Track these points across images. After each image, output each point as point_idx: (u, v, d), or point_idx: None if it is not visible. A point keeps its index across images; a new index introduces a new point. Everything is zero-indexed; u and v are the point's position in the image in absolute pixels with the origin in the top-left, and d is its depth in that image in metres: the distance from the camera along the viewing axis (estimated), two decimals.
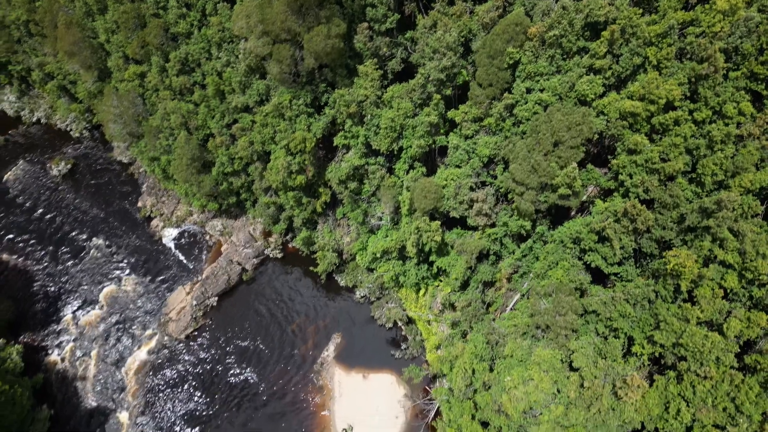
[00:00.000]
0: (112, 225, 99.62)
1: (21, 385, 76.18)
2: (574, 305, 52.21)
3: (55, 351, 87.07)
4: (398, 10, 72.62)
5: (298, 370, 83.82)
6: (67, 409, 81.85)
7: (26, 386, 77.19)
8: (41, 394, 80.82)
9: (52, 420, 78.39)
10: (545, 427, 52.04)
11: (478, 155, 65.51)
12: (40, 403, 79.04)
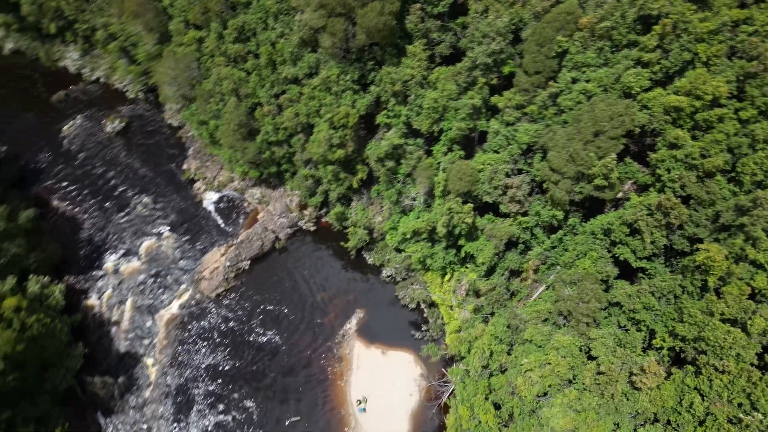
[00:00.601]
0: (158, 184, 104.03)
1: (61, 321, 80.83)
2: (598, 293, 52.66)
3: (94, 295, 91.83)
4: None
5: (320, 339, 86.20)
6: (100, 349, 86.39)
7: (65, 323, 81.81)
8: (78, 333, 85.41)
9: (86, 357, 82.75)
10: (557, 410, 52.71)
11: (517, 142, 66.26)
12: (77, 340, 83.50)
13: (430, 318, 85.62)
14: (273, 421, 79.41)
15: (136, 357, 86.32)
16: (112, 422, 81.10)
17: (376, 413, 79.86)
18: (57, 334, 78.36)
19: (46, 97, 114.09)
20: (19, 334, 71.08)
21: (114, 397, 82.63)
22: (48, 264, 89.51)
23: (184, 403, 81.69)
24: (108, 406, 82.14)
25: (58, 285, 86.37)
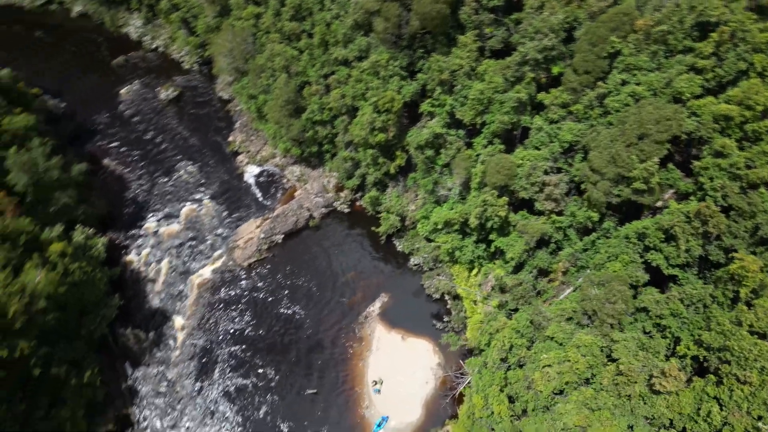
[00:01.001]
0: (204, 154, 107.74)
1: (101, 272, 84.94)
2: (625, 295, 52.46)
3: (133, 252, 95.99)
4: None
5: (343, 318, 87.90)
6: (135, 303, 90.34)
7: (105, 274, 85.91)
8: (115, 285, 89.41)
9: (121, 309, 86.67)
10: (572, 406, 52.83)
11: (559, 140, 66.26)
12: (114, 292, 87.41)
13: (453, 310, 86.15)
14: (291, 390, 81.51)
15: (167, 315, 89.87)
16: (140, 374, 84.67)
17: (391, 396, 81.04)
18: (96, 284, 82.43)
19: (107, 61, 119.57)
20: (62, 277, 75.13)
21: (143, 350, 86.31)
22: (94, 218, 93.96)
23: (207, 364, 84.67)
24: (137, 358, 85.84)
25: (101, 238, 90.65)
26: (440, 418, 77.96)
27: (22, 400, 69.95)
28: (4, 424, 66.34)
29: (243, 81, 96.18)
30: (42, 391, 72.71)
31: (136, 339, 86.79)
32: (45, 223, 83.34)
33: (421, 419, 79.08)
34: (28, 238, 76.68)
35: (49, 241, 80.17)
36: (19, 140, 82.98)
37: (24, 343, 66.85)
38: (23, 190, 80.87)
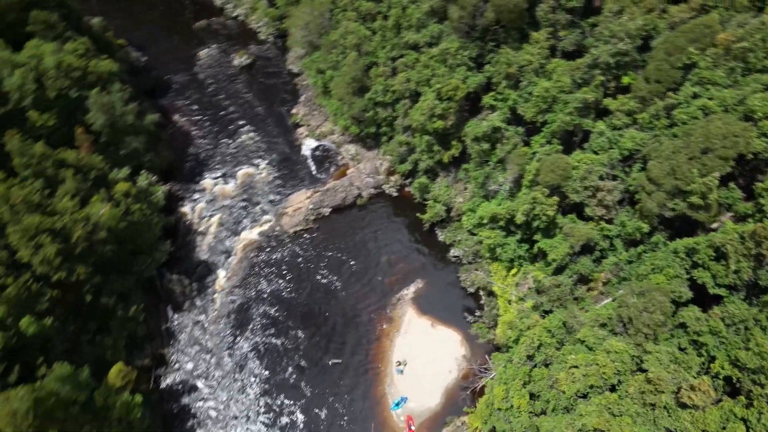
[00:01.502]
0: (267, 122, 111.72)
1: (158, 217, 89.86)
2: (664, 307, 51.66)
3: (188, 205, 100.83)
4: None
5: (377, 297, 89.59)
6: (183, 252, 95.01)
7: (161, 220, 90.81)
8: (168, 233, 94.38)
9: (170, 255, 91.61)
10: (593, 408, 52.55)
11: (619, 147, 65.50)
12: (166, 238, 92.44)
13: (486, 306, 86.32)
14: (317, 356, 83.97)
15: (211, 268, 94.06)
16: (179, 319, 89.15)
17: (412, 378, 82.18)
18: (152, 227, 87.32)
19: (190, 23, 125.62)
20: (123, 215, 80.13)
21: (186, 297, 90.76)
22: (158, 167, 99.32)
23: (243, 320, 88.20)
24: (179, 304, 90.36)
25: (162, 186, 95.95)
26: (458, 408, 78.42)
27: (72, 322, 75.22)
28: (53, 341, 71.53)
29: (314, 55, 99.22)
30: (90, 317, 77.92)
31: (180, 286, 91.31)
32: (114, 163, 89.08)
33: (440, 406, 79.86)
34: (97, 174, 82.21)
35: (116, 180, 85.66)
36: (102, 83, 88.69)
37: (82, 269, 71.88)
38: (99, 130, 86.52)
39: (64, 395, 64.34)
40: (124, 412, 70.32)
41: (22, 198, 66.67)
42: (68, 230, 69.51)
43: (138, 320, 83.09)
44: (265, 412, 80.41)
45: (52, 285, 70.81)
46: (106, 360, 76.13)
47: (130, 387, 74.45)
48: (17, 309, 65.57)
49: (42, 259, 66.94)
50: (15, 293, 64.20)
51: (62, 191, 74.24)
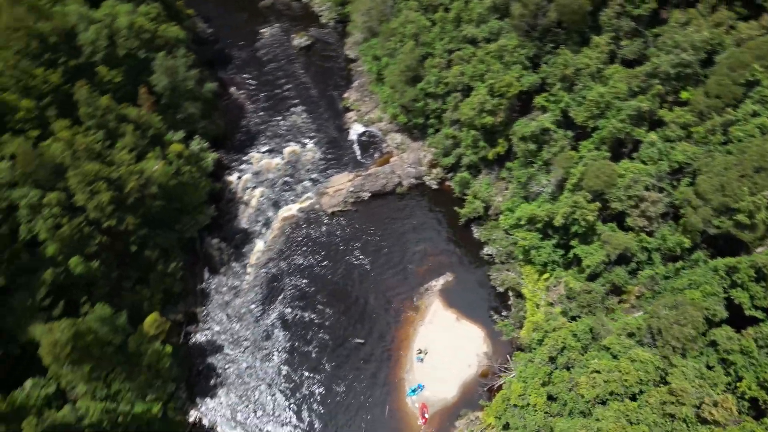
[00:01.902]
0: (318, 104, 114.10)
1: (205, 181, 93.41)
2: (697, 321, 50.83)
3: (235, 174, 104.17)
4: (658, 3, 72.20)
5: (406, 284, 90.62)
6: (225, 219, 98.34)
7: (208, 185, 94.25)
8: (213, 198, 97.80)
9: (212, 220, 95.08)
10: (611, 414, 52.24)
11: (670, 159, 64.45)
12: (210, 203, 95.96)
13: (514, 307, 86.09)
14: (341, 334, 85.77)
15: (250, 236, 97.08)
16: (214, 281, 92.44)
17: (431, 368, 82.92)
18: (199, 190, 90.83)
19: (256, 2, 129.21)
20: (174, 175, 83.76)
21: (223, 261, 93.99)
22: (211, 134, 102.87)
23: (274, 289, 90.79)
24: (215, 267, 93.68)
25: (212, 153, 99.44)
26: (473, 403, 78.72)
27: (116, 269, 79.18)
28: (98, 283, 75.59)
29: (371, 41, 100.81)
30: (133, 267, 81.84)
31: (218, 250, 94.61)
32: (171, 126, 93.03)
33: (455, 398, 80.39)
34: (154, 133, 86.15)
35: (171, 141, 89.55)
36: (169, 48, 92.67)
37: (131, 219, 75.67)
38: (161, 92, 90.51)
39: (101, 335, 68.11)
40: (154, 360, 73.79)
41: (85, 146, 70.67)
42: (123, 181, 73.29)
43: (176, 277, 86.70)
44: (285, 382, 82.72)
45: (102, 231, 74.80)
46: (142, 310, 79.88)
47: (162, 338, 78.05)
48: (68, 248, 69.68)
49: (96, 204, 70.83)
50: (68, 233, 68.19)
51: (121, 144, 78.23)
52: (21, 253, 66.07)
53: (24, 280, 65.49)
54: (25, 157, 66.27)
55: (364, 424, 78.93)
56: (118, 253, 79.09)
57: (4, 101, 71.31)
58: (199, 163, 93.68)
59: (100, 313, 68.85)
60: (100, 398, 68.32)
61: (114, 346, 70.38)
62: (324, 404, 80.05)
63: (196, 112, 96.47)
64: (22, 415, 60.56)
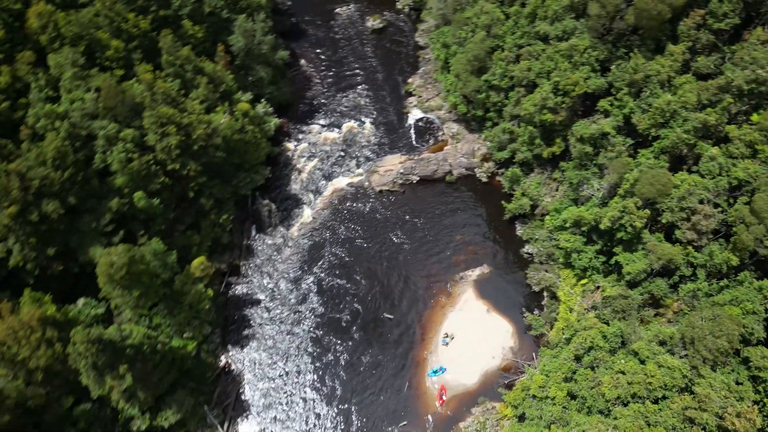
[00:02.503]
0: (383, 86, 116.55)
1: (265, 144, 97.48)
2: (732, 335, 50.10)
3: (293, 142, 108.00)
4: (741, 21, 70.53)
5: (441, 270, 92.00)
6: (278, 183, 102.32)
7: (267, 147, 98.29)
8: (270, 161, 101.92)
9: (266, 181, 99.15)
10: (629, 413, 52.21)
11: (729, 175, 63.18)
12: (267, 165, 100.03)
13: (547, 308, 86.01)
14: (372, 307, 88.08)
15: (299, 202, 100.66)
16: (260, 239, 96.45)
17: (455, 353, 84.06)
18: (259, 150, 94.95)
19: None
20: (238, 131, 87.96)
21: (270, 222, 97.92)
22: (276, 101, 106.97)
23: (315, 255, 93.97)
24: (263, 226, 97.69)
25: (275, 118, 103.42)
26: (492, 394, 79.40)
27: (173, 211, 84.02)
28: (155, 220, 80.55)
29: (443, 29, 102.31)
30: (188, 212, 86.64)
31: (268, 211, 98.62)
32: (241, 86, 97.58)
33: (475, 386, 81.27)
34: (225, 89, 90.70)
35: (239, 100, 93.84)
36: (250, 12, 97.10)
37: (193, 165, 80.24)
38: (237, 52, 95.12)
39: (152, 267, 72.81)
40: (196, 300, 78.15)
41: (163, 90, 75.48)
42: (192, 128, 77.80)
43: (225, 228, 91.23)
44: (313, 345, 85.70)
45: (166, 173, 79.71)
46: (190, 254, 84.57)
47: (206, 282, 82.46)
48: (135, 183, 74.74)
49: (165, 146, 75.62)
50: (137, 168, 73.17)
51: (194, 95, 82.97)
52: (92, 180, 71.35)
53: (92, 205, 70.78)
54: (108, 92, 71.45)
55: (383, 397, 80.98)
56: (177, 197, 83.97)
57: (98, 38, 76.94)
58: (262, 125, 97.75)
59: (154, 246, 73.64)
60: (143, 326, 73.09)
61: (162, 280, 75.09)
62: (348, 371, 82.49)
63: (266, 76, 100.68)
64: (72, 326, 65.74)
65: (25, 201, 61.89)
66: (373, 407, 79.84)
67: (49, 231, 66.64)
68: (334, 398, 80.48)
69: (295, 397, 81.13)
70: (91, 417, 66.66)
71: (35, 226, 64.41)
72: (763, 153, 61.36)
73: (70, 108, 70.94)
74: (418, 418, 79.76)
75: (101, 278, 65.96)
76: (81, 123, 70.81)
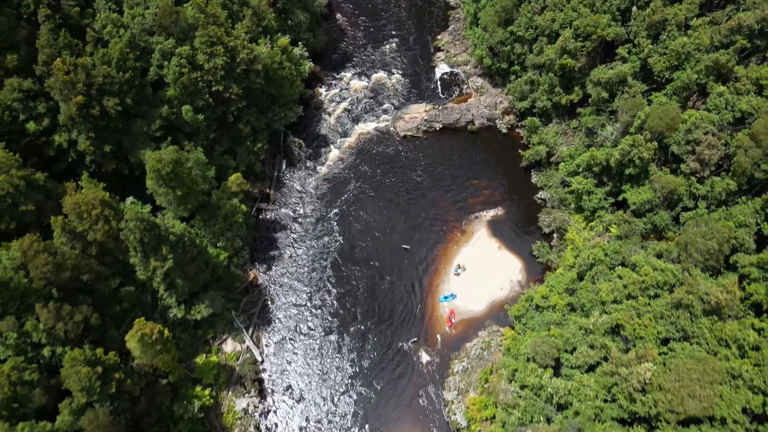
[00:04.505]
0: (411, 41, 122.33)
1: (299, 82, 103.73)
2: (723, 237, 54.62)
3: (325, 87, 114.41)
4: None
5: (457, 209, 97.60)
6: (308, 122, 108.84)
7: (300, 87, 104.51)
8: (302, 102, 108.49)
9: (298, 120, 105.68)
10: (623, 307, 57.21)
11: (734, 109, 67.50)
12: (299, 103, 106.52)
13: (556, 248, 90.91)
14: (391, 237, 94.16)
15: (327, 142, 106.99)
16: (290, 171, 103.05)
17: (466, 282, 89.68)
18: (294, 87, 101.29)
19: None
20: (277, 64, 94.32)
21: (300, 157, 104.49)
22: (312, 47, 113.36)
23: (339, 190, 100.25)
24: (293, 160, 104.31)
25: (309, 62, 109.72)
26: (499, 320, 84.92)
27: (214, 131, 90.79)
28: (199, 135, 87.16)
29: None
30: (228, 134, 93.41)
31: (298, 147, 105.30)
32: (280, 29, 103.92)
33: (483, 313, 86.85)
34: (266, 25, 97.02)
35: (278, 38, 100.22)
36: None
37: (235, 88, 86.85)
38: None
39: (194, 175, 79.76)
40: (230, 213, 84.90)
41: (213, 13, 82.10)
42: (236, 51, 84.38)
43: (259, 157, 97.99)
44: (333, 269, 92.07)
45: (210, 94, 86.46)
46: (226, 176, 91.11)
47: (240, 198, 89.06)
48: (183, 96, 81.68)
49: (211, 66, 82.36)
50: (186, 82, 80.00)
51: (240, 25, 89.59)
52: (147, 87, 78.39)
53: (144, 110, 77.91)
54: (165, 11, 78.40)
55: (396, 317, 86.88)
56: (218, 119, 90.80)
57: None
58: (297, 66, 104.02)
59: (197, 156, 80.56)
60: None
61: (201, 190, 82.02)
62: (365, 294, 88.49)
63: (304, 21, 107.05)
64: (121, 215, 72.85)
65: (90, 95, 69.02)
66: (386, 325, 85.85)
67: (107, 128, 73.81)
68: (351, 317, 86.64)
69: (316, 313, 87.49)
70: (134, 299, 73.89)
71: (96, 121, 71.58)
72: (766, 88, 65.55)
73: (131, 22, 78.04)
74: (428, 337, 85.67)
75: (149, 173, 72.87)
76: (140, 36, 77.85)
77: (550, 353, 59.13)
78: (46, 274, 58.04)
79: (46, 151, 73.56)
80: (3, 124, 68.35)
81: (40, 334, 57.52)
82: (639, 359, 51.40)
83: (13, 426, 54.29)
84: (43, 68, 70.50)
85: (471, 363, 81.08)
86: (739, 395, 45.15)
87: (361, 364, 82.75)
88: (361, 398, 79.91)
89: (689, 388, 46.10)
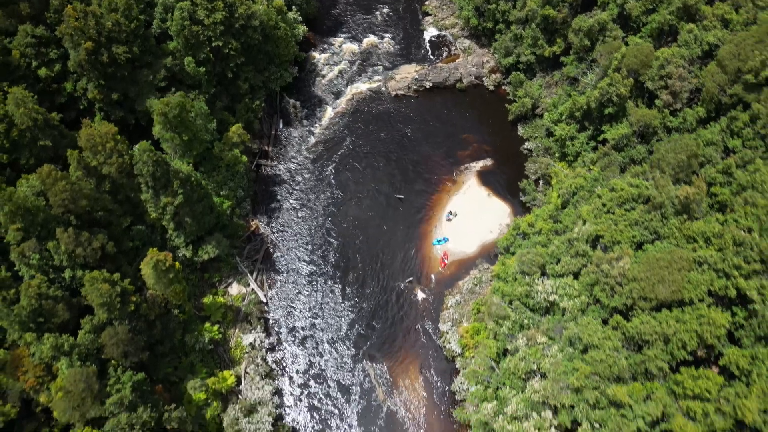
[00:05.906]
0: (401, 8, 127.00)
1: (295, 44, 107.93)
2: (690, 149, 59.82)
3: (318, 51, 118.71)
4: None
5: (448, 161, 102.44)
6: (303, 84, 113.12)
7: (295, 48, 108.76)
8: (298, 64, 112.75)
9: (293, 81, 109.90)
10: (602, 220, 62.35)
11: (702, 43, 72.76)
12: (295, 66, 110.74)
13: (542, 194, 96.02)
14: (385, 188, 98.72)
15: (322, 102, 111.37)
16: (287, 131, 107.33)
17: (457, 227, 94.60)
18: (289, 47, 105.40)
19: None
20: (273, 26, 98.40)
21: (296, 117, 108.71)
22: (305, 12, 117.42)
23: (335, 146, 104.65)
24: (289, 120, 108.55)
25: (303, 27, 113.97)
26: (489, 259, 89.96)
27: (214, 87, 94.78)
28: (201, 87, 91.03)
29: None
30: (227, 92, 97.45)
31: (294, 107, 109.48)
32: None
33: (474, 253, 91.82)
34: None
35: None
36: None
37: (234, 43, 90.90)
38: None
39: (198, 124, 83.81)
40: (232, 161, 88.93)
41: None
42: (235, 6, 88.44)
43: (257, 115, 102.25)
44: (331, 220, 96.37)
45: (212, 49, 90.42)
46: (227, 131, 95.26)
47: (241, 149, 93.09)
48: (186, 48, 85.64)
49: (212, 21, 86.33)
50: (188, 34, 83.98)
51: None
52: (151, 38, 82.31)
53: (150, 60, 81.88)
54: None
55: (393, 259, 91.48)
56: (218, 75, 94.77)
57: None
58: (292, 30, 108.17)
59: (200, 106, 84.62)
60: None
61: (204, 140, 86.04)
62: (363, 240, 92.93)
63: None
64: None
65: (99, 42, 72.92)
66: (383, 269, 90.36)
67: (114, 76, 77.73)
68: (350, 262, 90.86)
69: (315, 260, 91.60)
70: (145, 238, 77.93)
71: (104, 68, 75.48)
72: (732, 21, 70.75)
73: None
74: (423, 277, 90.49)
75: (157, 118, 76.71)
76: None
77: (536, 261, 64.20)
78: (64, 201, 62.01)
79: (58, 98, 77.31)
80: (19, 69, 72.05)
81: (61, 256, 61.54)
82: (618, 258, 56.49)
83: (40, 337, 58.49)
84: (54, 16, 74.23)
85: (464, 297, 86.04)
86: (704, 276, 50.28)
87: (361, 306, 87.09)
88: (362, 337, 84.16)
89: (659, 275, 51.22)
